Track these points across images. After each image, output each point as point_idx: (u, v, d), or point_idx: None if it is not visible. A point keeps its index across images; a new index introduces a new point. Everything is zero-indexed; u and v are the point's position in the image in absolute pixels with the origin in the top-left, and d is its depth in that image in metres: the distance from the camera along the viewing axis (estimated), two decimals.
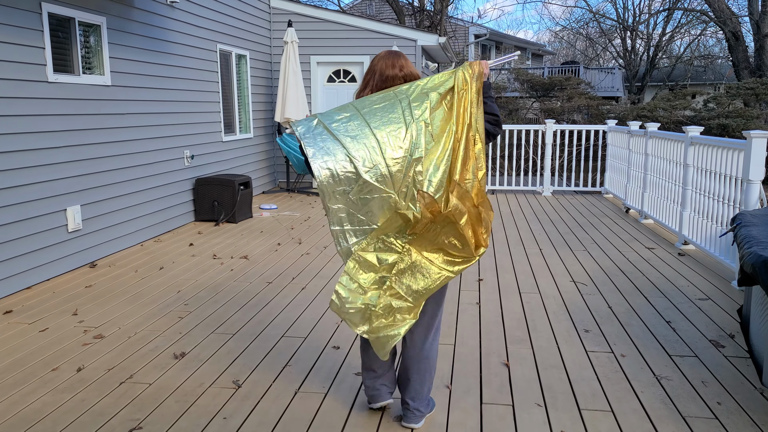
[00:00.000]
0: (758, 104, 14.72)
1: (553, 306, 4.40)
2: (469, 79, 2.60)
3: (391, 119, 2.52)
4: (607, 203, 9.04)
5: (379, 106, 2.55)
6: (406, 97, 2.55)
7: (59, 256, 5.17)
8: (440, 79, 2.61)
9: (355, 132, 2.52)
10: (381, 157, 2.49)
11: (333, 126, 2.55)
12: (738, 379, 3.23)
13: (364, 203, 2.53)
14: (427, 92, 2.57)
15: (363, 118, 2.54)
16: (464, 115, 2.56)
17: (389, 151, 2.50)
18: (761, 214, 4.04)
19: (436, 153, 2.53)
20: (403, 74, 2.69)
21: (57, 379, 3.24)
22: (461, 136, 2.56)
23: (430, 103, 2.54)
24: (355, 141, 2.51)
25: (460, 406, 2.96)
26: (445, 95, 2.58)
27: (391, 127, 2.51)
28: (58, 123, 5.14)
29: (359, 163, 2.49)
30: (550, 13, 50.46)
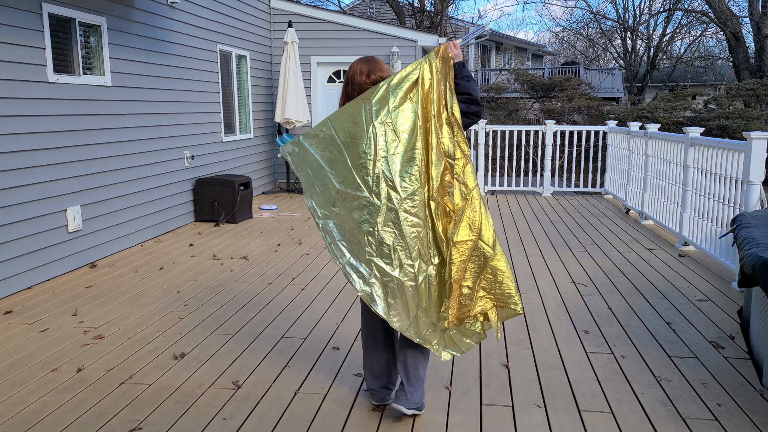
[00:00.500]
0: (758, 105, 14.72)
1: (552, 307, 4.40)
2: (436, 66, 2.60)
3: (355, 128, 2.60)
4: (607, 204, 9.03)
5: (346, 116, 2.62)
6: (369, 101, 2.60)
7: (59, 257, 5.17)
8: (405, 72, 2.62)
9: (327, 146, 2.66)
10: (350, 167, 2.60)
11: (312, 148, 2.70)
12: (738, 381, 3.23)
13: (347, 211, 2.64)
14: (391, 90, 2.59)
15: (335, 133, 2.64)
16: (430, 106, 2.59)
17: (355, 159, 2.60)
18: (761, 216, 4.04)
19: (402, 149, 2.58)
20: (372, 80, 2.75)
21: (57, 380, 3.24)
22: (430, 127, 2.59)
23: (392, 101, 2.57)
24: (327, 159, 2.65)
25: (460, 407, 2.96)
26: (410, 89, 2.59)
27: (355, 136, 2.59)
28: (58, 123, 5.14)
29: (335, 178, 2.64)
30: (551, 14, 50.44)
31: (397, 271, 2.61)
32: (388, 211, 2.58)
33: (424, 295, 2.63)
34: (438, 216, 2.62)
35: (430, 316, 2.67)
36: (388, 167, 2.57)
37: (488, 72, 24.33)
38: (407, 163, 2.57)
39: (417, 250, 2.60)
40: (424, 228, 2.60)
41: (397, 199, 2.57)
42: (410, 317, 2.65)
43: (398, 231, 2.59)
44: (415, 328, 2.66)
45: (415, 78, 2.59)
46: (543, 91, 17.82)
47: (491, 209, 8.51)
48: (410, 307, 2.65)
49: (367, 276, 2.64)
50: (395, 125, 2.57)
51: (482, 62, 25.05)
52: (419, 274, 2.61)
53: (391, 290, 2.63)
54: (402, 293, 2.63)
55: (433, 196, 2.61)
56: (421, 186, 2.58)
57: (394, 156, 2.58)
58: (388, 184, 2.57)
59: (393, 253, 2.60)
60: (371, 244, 2.62)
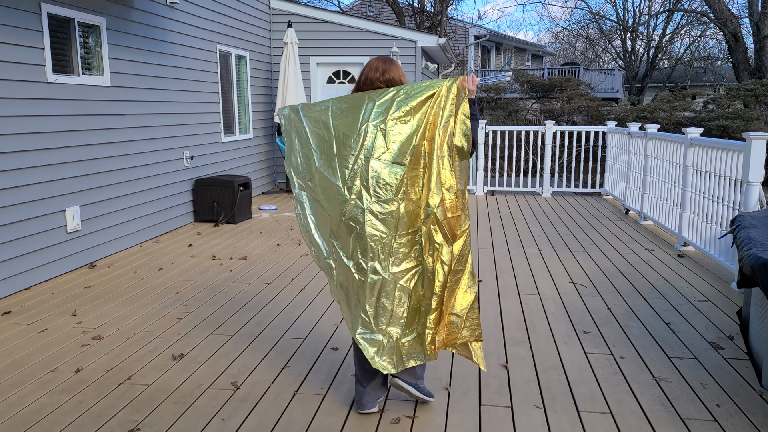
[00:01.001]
0: (758, 106, 14.72)
1: (552, 307, 4.40)
2: (453, 94, 2.65)
3: (351, 120, 2.67)
4: (607, 204, 9.03)
5: (347, 106, 2.70)
6: (373, 100, 2.66)
7: (58, 257, 5.17)
8: (418, 87, 2.66)
9: (320, 125, 2.74)
10: (333, 153, 2.69)
11: (305, 119, 2.78)
12: (737, 381, 3.23)
13: (319, 191, 2.76)
14: (397, 100, 2.64)
15: (330, 117, 2.73)
16: (436, 131, 2.64)
17: (341, 149, 2.68)
18: (761, 216, 4.04)
19: (388, 158, 2.63)
20: (384, 79, 2.79)
21: (55, 380, 3.23)
22: (433, 153, 2.64)
23: (394, 110, 2.63)
24: (316, 135, 2.75)
25: (459, 407, 2.96)
26: (417, 106, 2.64)
27: (349, 128, 2.67)
28: (57, 124, 5.13)
29: (317, 155, 2.73)
30: (550, 15, 50.48)
31: (351, 263, 2.71)
32: (355, 207, 2.67)
33: (371, 295, 2.69)
34: (428, 242, 2.67)
35: (373, 318, 2.71)
36: (367, 168, 2.63)
37: (488, 72, 24.33)
38: (389, 172, 2.62)
39: (374, 252, 2.67)
40: (388, 237, 2.66)
41: (367, 200, 2.64)
42: (350, 308, 2.76)
43: (360, 229, 2.67)
44: (352, 321, 2.76)
45: (427, 96, 2.64)
46: (543, 92, 17.82)
47: (491, 210, 8.51)
48: (350, 300, 2.76)
49: (326, 255, 2.80)
50: (387, 133, 2.63)
51: (482, 62, 25.05)
52: (370, 273, 2.68)
53: (341, 277, 2.77)
54: (350, 283, 2.74)
55: (426, 220, 2.66)
56: (397, 199, 2.64)
57: (377, 160, 2.63)
58: (363, 184, 2.64)
59: (351, 245, 2.71)
60: (334, 228, 2.75)
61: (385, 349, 2.73)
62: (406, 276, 2.69)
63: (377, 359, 2.73)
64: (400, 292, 2.70)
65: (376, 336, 2.73)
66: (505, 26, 54.96)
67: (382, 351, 2.73)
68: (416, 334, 2.75)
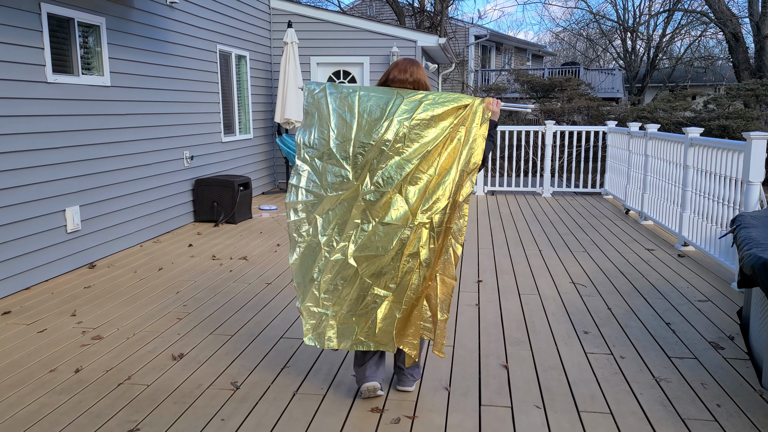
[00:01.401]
0: (758, 105, 14.71)
1: (552, 307, 4.39)
2: (480, 112, 2.79)
3: (378, 112, 2.75)
4: (607, 204, 9.03)
5: (376, 97, 2.78)
6: (402, 97, 2.76)
7: (58, 257, 5.17)
8: (448, 96, 2.77)
9: (344, 107, 2.80)
10: (351, 138, 2.76)
11: (331, 97, 2.83)
12: (737, 381, 3.22)
13: (325, 171, 2.82)
14: (426, 103, 2.74)
15: (356, 102, 2.79)
16: (458, 146, 2.77)
17: (359, 136, 2.75)
18: (761, 216, 4.03)
19: (402, 154, 2.72)
20: (413, 79, 2.92)
21: (55, 381, 3.23)
22: (454, 167, 2.76)
23: (420, 112, 2.73)
24: (338, 116, 2.80)
25: (459, 407, 2.95)
26: (443, 115, 2.74)
27: (374, 118, 2.74)
28: (57, 123, 5.13)
29: (333, 134, 2.79)
30: (551, 14, 50.46)
31: (324, 239, 2.82)
32: (354, 191, 2.77)
33: (327, 272, 2.82)
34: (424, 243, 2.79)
35: (321, 299, 2.85)
36: (380, 159, 2.73)
37: (488, 72, 24.33)
38: (396, 168, 2.72)
39: (349, 236, 2.78)
40: (368, 225, 2.76)
41: (366, 187, 2.74)
42: (305, 280, 2.88)
43: (347, 210, 2.78)
44: (302, 291, 2.88)
45: (454, 107, 2.74)
46: (543, 92, 17.81)
47: (491, 209, 8.51)
48: (311, 272, 2.86)
49: (304, 227, 2.87)
50: (409, 132, 2.72)
51: (482, 62, 25.05)
52: (336, 252, 2.79)
53: (308, 249, 2.86)
54: (313, 257, 2.84)
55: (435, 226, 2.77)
56: (391, 192, 2.72)
57: (391, 155, 2.72)
58: (369, 172, 2.74)
59: (332, 225, 2.81)
60: (323, 207, 2.82)
61: (322, 325, 2.88)
62: (365, 263, 2.78)
63: (311, 334, 2.89)
64: (355, 276, 2.81)
65: (318, 309, 2.87)
66: (505, 26, 54.96)
67: (319, 327, 2.88)
68: (355, 321, 2.86)
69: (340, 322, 2.87)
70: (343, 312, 2.85)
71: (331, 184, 2.79)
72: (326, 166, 2.80)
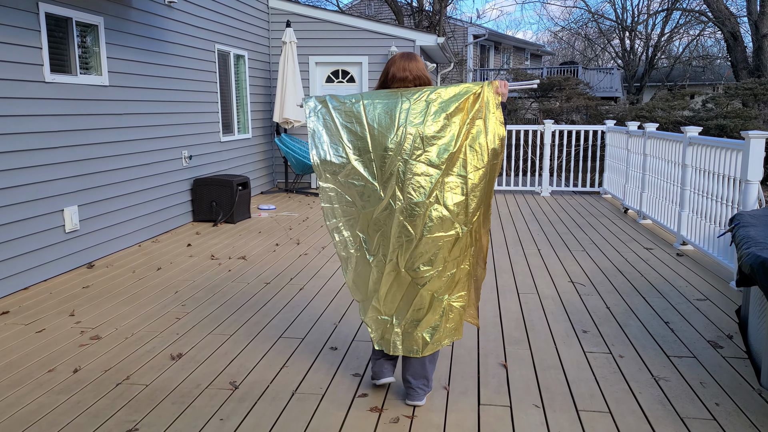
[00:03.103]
0: (756, 105, 14.72)
1: (551, 306, 4.39)
2: (493, 100, 2.72)
3: (388, 121, 2.69)
4: (606, 203, 9.03)
5: (381, 104, 2.72)
6: (408, 100, 2.70)
7: (56, 257, 5.16)
8: (455, 90, 2.71)
9: (351, 120, 2.75)
10: (370, 151, 2.72)
11: (335, 111, 2.78)
12: (736, 380, 3.22)
13: (349, 187, 2.78)
14: (430, 103, 2.69)
15: (363, 113, 2.73)
16: (483, 143, 2.72)
17: (378, 149, 2.70)
18: (760, 215, 4.04)
19: (425, 161, 2.68)
20: (413, 76, 2.84)
21: (53, 381, 3.23)
22: (479, 164, 2.74)
23: (428, 113, 2.68)
24: (348, 131, 2.75)
25: (458, 407, 2.95)
26: (456, 111, 2.69)
27: (385, 128, 2.69)
28: (55, 123, 5.12)
29: (350, 151, 2.74)
30: (549, 14, 50.50)
31: (373, 258, 2.81)
32: (387, 207, 2.73)
33: (384, 286, 2.81)
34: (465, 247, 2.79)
35: (383, 308, 2.87)
36: (405, 170, 2.68)
37: (487, 72, 24.32)
38: (424, 175, 2.68)
39: (396, 252, 2.75)
40: (411, 238, 2.72)
41: (399, 201, 2.70)
42: (364, 296, 2.90)
43: (387, 228, 2.74)
44: (364, 305, 2.93)
45: (463, 101, 2.69)
46: (542, 91, 17.82)
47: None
48: (366, 286, 2.87)
49: (350, 245, 2.87)
50: (425, 137, 2.67)
51: (481, 62, 25.05)
52: (388, 266, 2.78)
53: (361, 268, 2.86)
54: (366, 272, 2.85)
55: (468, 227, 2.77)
56: (428, 203, 2.69)
57: (413, 163, 2.67)
58: (398, 184, 2.69)
59: (377, 243, 2.79)
60: (362, 224, 2.80)
61: (387, 332, 2.89)
62: (422, 277, 2.76)
63: (378, 340, 2.92)
64: (411, 289, 2.80)
65: (382, 317, 2.89)
66: (504, 26, 54.97)
67: (385, 333, 2.90)
68: (417, 328, 2.86)
69: (404, 330, 2.87)
70: (407, 319, 2.85)
71: (361, 200, 2.76)
72: (351, 183, 2.76)
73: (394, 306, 2.86)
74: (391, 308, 2.86)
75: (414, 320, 2.84)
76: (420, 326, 2.84)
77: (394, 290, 2.82)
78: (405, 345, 2.89)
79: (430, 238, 2.70)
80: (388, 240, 2.74)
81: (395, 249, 2.73)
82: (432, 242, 2.71)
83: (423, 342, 2.87)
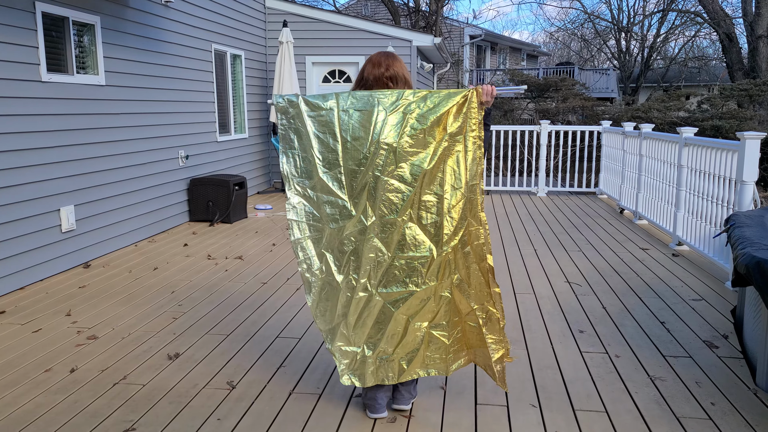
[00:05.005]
0: (752, 106, 14.78)
1: (547, 306, 4.40)
2: (473, 111, 2.51)
3: (361, 132, 2.52)
4: (602, 204, 9.06)
5: (357, 113, 2.53)
6: (384, 111, 2.51)
7: (53, 257, 5.15)
8: (428, 105, 2.50)
9: (324, 129, 2.56)
10: (341, 164, 2.55)
11: (309, 119, 2.58)
12: (732, 380, 3.24)
13: (318, 201, 2.61)
14: (407, 115, 2.50)
15: (337, 124, 2.55)
16: (463, 160, 2.53)
17: (348, 163, 2.54)
18: (755, 215, 4.06)
19: (398, 177, 2.51)
20: (389, 74, 2.69)
21: (50, 381, 3.22)
22: (459, 182, 2.54)
23: (405, 127, 2.49)
24: (320, 141, 2.57)
25: (455, 406, 2.96)
26: (435, 123, 2.49)
27: (358, 139, 2.52)
28: (51, 123, 5.11)
29: (320, 163, 2.57)
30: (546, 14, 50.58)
31: (342, 278, 2.63)
32: (358, 223, 2.57)
33: (354, 311, 2.63)
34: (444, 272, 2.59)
35: (352, 337, 2.68)
36: (375, 186, 2.52)
37: (483, 72, 24.35)
38: (396, 192, 2.51)
39: (366, 271, 2.58)
40: (384, 257, 2.56)
41: (371, 218, 2.54)
42: (330, 322, 2.71)
43: (358, 245, 2.58)
44: (329, 332, 2.72)
45: (443, 113, 2.48)
46: (538, 92, 17.84)
47: (486, 209, 8.52)
48: (334, 312, 2.68)
49: (314, 265, 2.67)
50: (399, 153, 2.49)
51: (477, 62, 25.07)
52: (359, 290, 2.60)
53: (327, 291, 2.68)
54: (333, 296, 2.66)
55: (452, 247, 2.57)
56: (401, 221, 2.52)
57: (386, 179, 2.51)
58: (369, 201, 2.54)
59: (346, 261, 2.61)
60: (330, 242, 2.63)
61: (356, 363, 2.71)
62: (396, 299, 2.60)
63: (347, 373, 2.72)
64: (384, 312, 2.62)
65: (351, 348, 2.70)
66: (500, 26, 55.03)
67: (354, 364, 2.71)
68: (393, 352, 2.68)
69: (378, 356, 2.68)
70: (381, 347, 2.66)
71: (330, 216, 2.59)
72: (320, 197, 2.59)
73: (365, 333, 2.65)
74: (362, 336, 2.66)
75: (388, 347, 2.66)
76: (396, 352, 2.67)
77: (365, 316, 2.62)
78: (378, 374, 2.70)
79: (404, 258, 2.55)
80: (359, 259, 2.57)
81: (367, 269, 2.57)
82: (405, 262, 2.55)
83: (399, 369, 2.69)
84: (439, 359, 2.74)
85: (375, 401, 2.83)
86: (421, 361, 2.72)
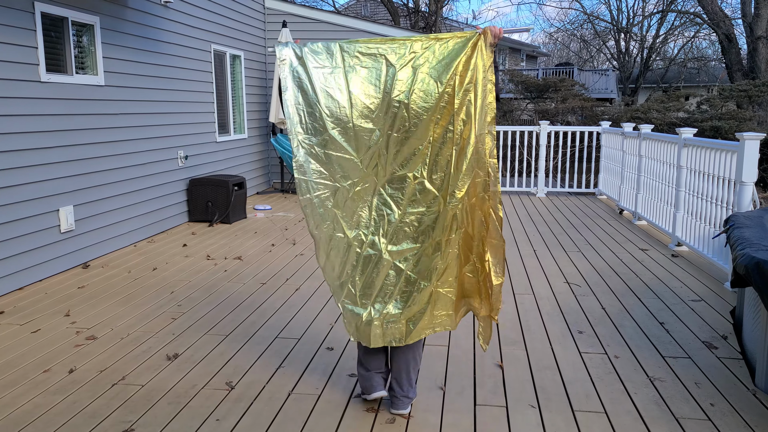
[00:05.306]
0: (751, 106, 14.79)
1: (546, 307, 4.40)
2: (486, 57, 2.44)
3: (371, 89, 2.50)
4: (601, 204, 9.06)
5: (365, 68, 2.51)
6: (392, 66, 2.49)
7: (52, 257, 5.15)
8: (437, 57, 2.47)
9: (332, 85, 2.53)
10: (349, 119, 2.53)
11: (315, 72, 2.54)
12: (731, 381, 3.24)
13: (327, 158, 2.59)
14: (417, 69, 2.48)
15: (345, 80, 2.53)
16: (471, 108, 2.47)
17: (359, 119, 2.52)
18: (754, 216, 4.06)
19: (409, 133, 2.51)
20: None
21: (49, 381, 3.22)
22: (469, 136, 2.49)
23: (415, 82, 2.47)
24: (329, 97, 2.54)
25: (454, 407, 2.96)
26: (443, 77, 2.46)
27: (368, 98, 2.51)
28: (50, 123, 5.11)
29: (328, 119, 2.54)
30: (545, 15, 50.61)
31: (352, 234, 2.63)
32: (368, 180, 2.56)
33: (363, 269, 2.64)
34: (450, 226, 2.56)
35: (359, 297, 2.68)
36: (387, 143, 2.52)
37: None
38: (408, 148, 2.50)
39: (376, 227, 2.59)
40: (393, 214, 2.57)
41: (381, 175, 2.55)
42: (339, 279, 2.70)
43: (368, 202, 2.59)
44: (338, 288, 2.71)
45: (454, 67, 2.44)
46: (537, 92, 17.85)
47: None
48: (345, 270, 2.68)
49: (323, 222, 2.65)
50: (410, 108, 2.48)
51: None
52: (367, 246, 2.61)
53: (335, 247, 2.66)
54: (343, 254, 2.66)
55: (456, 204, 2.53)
56: (411, 176, 2.53)
57: (397, 135, 2.51)
58: (380, 158, 2.54)
59: (357, 218, 2.61)
60: (340, 199, 2.62)
61: (363, 324, 2.71)
62: (405, 256, 2.61)
63: (355, 332, 2.74)
64: (393, 270, 2.64)
65: (358, 309, 2.71)
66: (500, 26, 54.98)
67: (360, 326, 2.72)
68: (401, 314, 2.67)
69: (384, 319, 2.67)
70: (388, 310, 2.66)
71: (340, 173, 2.56)
72: (329, 154, 2.56)
73: (372, 294, 2.66)
74: (369, 297, 2.67)
75: (396, 306, 2.67)
76: (403, 313, 2.67)
77: (374, 276, 2.64)
78: (385, 336, 2.70)
79: (414, 213, 2.55)
80: (369, 215, 2.58)
81: (376, 226, 2.57)
82: (416, 218, 2.56)
83: (406, 330, 2.69)
84: (446, 315, 2.72)
85: (371, 381, 2.87)
86: (429, 320, 2.70)
